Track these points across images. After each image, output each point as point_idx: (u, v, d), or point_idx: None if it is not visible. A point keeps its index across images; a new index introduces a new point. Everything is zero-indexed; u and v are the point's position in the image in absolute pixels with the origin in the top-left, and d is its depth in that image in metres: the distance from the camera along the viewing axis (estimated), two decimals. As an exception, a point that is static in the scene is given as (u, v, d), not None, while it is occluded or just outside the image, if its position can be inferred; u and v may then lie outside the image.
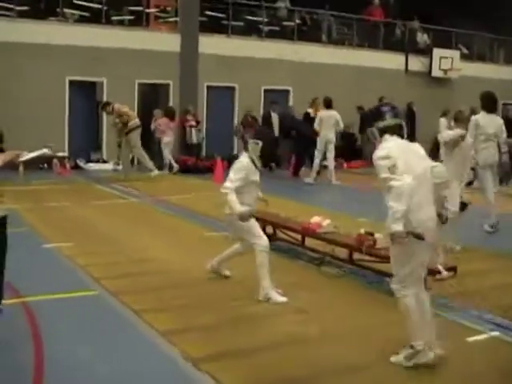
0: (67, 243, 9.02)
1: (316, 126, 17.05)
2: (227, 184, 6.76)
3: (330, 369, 5.06)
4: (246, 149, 7.04)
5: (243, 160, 6.94)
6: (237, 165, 6.95)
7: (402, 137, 5.24)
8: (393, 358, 5.04)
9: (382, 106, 5.68)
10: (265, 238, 6.96)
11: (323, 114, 17.09)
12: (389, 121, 5.27)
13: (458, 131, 8.70)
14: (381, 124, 5.25)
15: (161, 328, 5.78)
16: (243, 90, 21.49)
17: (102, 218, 10.02)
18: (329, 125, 16.97)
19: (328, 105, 17.21)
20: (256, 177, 7.00)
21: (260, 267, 6.78)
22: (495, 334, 5.92)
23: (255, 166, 6.96)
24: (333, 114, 17.05)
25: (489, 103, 10.44)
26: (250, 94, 21.28)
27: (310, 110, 18.66)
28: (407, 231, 4.78)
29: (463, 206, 8.84)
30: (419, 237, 4.82)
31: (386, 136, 5.16)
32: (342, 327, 6.02)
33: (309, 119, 18.52)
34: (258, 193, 7.28)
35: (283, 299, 6.71)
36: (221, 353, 5.29)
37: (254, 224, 6.94)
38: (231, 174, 6.85)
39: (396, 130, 5.23)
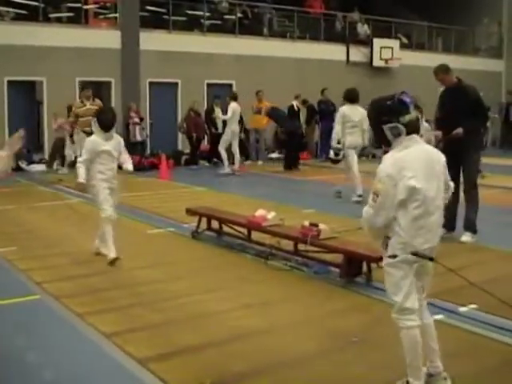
0: (9, 248, 8.82)
1: (227, 117, 17.98)
2: (79, 159, 8.27)
3: (277, 361, 5.04)
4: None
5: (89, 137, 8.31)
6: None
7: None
8: None
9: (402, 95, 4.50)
10: (108, 208, 8.03)
11: (234, 106, 17.85)
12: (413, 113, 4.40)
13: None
14: (407, 118, 4.34)
15: (105, 330, 5.69)
16: (186, 85, 21.38)
17: (46, 220, 9.84)
18: (236, 118, 18.09)
19: (234, 97, 18.26)
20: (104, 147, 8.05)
21: (104, 233, 8.03)
22: (439, 317, 6.00)
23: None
24: (237, 105, 18.10)
25: (352, 97, 13.06)
26: (193, 88, 21.16)
27: (294, 103, 18.68)
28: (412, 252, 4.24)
29: None
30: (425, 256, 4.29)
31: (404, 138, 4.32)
32: (290, 319, 6.02)
33: (294, 112, 18.89)
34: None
35: (114, 256, 7.87)
36: (167, 352, 5.23)
37: (99, 195, 8.06)
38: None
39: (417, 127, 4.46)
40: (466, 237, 9.18)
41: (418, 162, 4.25)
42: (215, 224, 9.40)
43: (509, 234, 9.85)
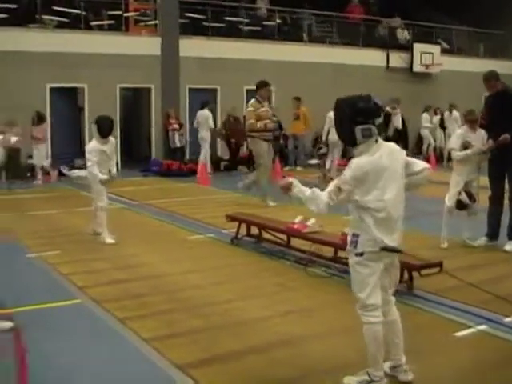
0: (52, 252, 8.94)
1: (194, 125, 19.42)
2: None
3: (318, 369, 5.02)
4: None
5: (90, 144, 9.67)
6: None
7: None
8: (346, 379, 4.66)
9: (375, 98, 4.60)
10: (105, 199, 9.59)
11: (199, 113, 19.18)
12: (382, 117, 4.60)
13: (474, 149, 9.00)
14: (379, 120, 4.51)
15: (146, 335, 5.71)
16: (225, 91, 21.46)
17: (87, 224, 9.94)
18: (202, 124, 19.08)
19: (202, 106, 19.19)
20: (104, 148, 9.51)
21: (101, 220, 9.49)
22: (482, 327, 5.92)
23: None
24: (206, 113, 19.06)
25: None
26: (233, 94, 21.23)
27: (388, 108, 17.34)
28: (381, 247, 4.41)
29: (461, 204, 9.00)
30: (394, 250, 4.48)
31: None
32: (330, 327, 5.99)
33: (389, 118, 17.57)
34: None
35: (112, 241, 9.39)
36: (208, 358, 5.23)
37: (98, 187, 9.51)
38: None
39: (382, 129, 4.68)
40: (510, 246, 9.03)
41: (384, 164, 4.40)
42: (255, 230, 9.40)
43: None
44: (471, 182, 9.14)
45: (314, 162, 21.73)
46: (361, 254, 4.45)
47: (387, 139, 15.20)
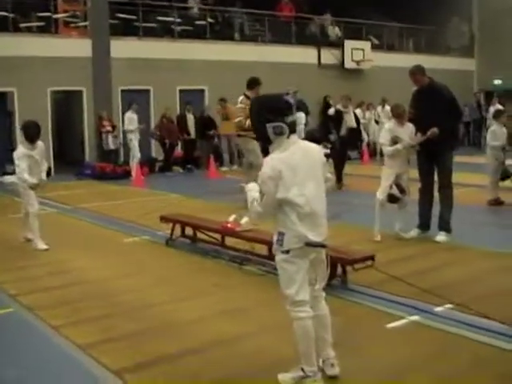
0: (-18, 261, 8.77)
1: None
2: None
3: (253, 367, 5.04)
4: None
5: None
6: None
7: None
8: (280, 376, 4.70)
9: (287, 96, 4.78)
10: (35, 204, 9.40)
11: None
12: (295, 115, 4.67)
13: (403, 144, 9.16)
14: (290, 118, 4.55)
15: (81, 341, 5.63)
16: (158, 91, 21.33)
17: (20, 231, 9.75)
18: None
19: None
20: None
21: (32, 226, 9.35)
22: (415, 318, 6.04)
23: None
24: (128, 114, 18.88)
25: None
26: (166, 95, 21.13)
27: (340, 106, 15.86)
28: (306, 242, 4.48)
29: (392, 198, 9.17)
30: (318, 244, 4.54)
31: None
32: (265, 324, 6.01)
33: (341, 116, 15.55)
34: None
35: (45, 247, 9.23)
36: (143, 362, 5.19)
37: (28, 193, 9.37)
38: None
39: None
40: (441, 236, 9.23)
41: (298, 161, 4.49)
42: (190, 231, 9.38)
43: (483, 232, 9.96)
44: (401, 175, 9.30)
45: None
46: (287, 252, 4.52)
47: (341, 139, 15.02)
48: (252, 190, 4.71)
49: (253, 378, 4.88)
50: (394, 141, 9.20)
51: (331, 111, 15.51)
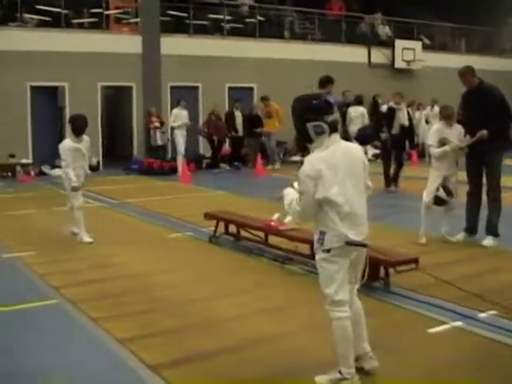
0: (29, 252, 8.88)
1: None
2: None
3: (289, 367, 4.97)
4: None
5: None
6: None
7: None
8: (317, 378, 4.64)
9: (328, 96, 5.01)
10: (80, 198, 9.52)
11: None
12: (335, 114, 4.68)
13: (451, 145, 9.02)
14: (331, 117, 4.55)
15: (120, 335, 5.66)
16: (207, 88, 21.41)
17: (66, 224, 9.87)
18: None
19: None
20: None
21: (77, 219, 9.48)
22: (457, 323, 5.92)
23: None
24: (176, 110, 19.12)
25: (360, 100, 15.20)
26: (214, 92, 21.19)
27: (392, 103, 15.00)
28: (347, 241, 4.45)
29: (439, 200, 9.02)
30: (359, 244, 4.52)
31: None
32: (305, 323, 5.96)
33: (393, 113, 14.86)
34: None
35: (90, 240, 9.38)
36: (180, 358, 5.20)
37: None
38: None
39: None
40: (488, 240, 9.05)
41: (338, 160, 4.45)
42: (233, 228, 9.37)
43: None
44: (449, 177, 9.15)
45: (296, 158, 21.77)
46: (328, 251, 4.49)
47: (393, 137, 14.12)
48: (289, 194, 4.73)
49: (289, 378, 4.83)
50: (442, 142, 9.05)
51: (384, 108, 15.10)
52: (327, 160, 4.44)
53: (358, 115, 18.50)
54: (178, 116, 18.93)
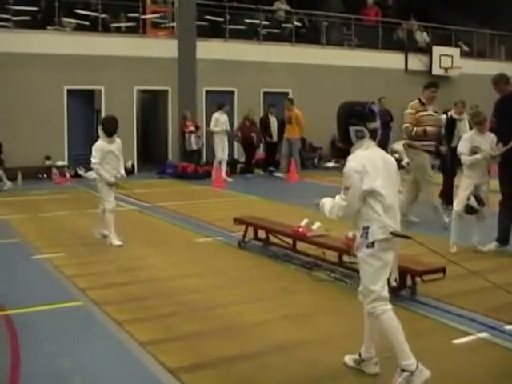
0: (58, 253, 8.98)
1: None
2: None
3: (312, 374, 4.94)
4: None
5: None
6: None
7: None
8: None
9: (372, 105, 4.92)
10: (112, 201, 9.62)
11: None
12: (377, 122, 4.83)
13: (483, 154, 8.89)
14: (373, 125, 4.76)
15: (142, 338, 5.68)
16: (242, 93, 21.44)
17: (96, 226, 9.95)
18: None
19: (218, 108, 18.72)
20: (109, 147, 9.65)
21: (107, 222, 9.55)
22: (483, 335, 5.82)
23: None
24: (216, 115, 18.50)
25: None
26: (250, 97, 21.21)
27: (453, 113, 13.93)
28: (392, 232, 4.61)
29: (470, 209, 8.88)
30: (403, 235, 4.69)
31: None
32: (329, 331, 5.92)
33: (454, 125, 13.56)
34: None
35: (119, 243, 9.43)
36: (200, 362, 5.19)
37: (106, 189, 9.63)
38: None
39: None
40: None
41: (378, 161, 4.69)
42: (262, 233, 9.35)
43: None
44: (481, 185, 9.01)
45: (331, 164, 21.72)
46: (372, 245, 4.61)
47: (452, 150, 12.86)
48: (328, 202, 4.89)
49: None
50: (474, 151, 8.93)
51: (443, 118, 13.60)
52: (370, 158, 4.66)
53: None
54: (216, 120, 18.85)
